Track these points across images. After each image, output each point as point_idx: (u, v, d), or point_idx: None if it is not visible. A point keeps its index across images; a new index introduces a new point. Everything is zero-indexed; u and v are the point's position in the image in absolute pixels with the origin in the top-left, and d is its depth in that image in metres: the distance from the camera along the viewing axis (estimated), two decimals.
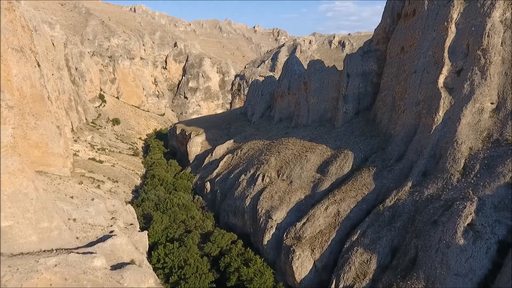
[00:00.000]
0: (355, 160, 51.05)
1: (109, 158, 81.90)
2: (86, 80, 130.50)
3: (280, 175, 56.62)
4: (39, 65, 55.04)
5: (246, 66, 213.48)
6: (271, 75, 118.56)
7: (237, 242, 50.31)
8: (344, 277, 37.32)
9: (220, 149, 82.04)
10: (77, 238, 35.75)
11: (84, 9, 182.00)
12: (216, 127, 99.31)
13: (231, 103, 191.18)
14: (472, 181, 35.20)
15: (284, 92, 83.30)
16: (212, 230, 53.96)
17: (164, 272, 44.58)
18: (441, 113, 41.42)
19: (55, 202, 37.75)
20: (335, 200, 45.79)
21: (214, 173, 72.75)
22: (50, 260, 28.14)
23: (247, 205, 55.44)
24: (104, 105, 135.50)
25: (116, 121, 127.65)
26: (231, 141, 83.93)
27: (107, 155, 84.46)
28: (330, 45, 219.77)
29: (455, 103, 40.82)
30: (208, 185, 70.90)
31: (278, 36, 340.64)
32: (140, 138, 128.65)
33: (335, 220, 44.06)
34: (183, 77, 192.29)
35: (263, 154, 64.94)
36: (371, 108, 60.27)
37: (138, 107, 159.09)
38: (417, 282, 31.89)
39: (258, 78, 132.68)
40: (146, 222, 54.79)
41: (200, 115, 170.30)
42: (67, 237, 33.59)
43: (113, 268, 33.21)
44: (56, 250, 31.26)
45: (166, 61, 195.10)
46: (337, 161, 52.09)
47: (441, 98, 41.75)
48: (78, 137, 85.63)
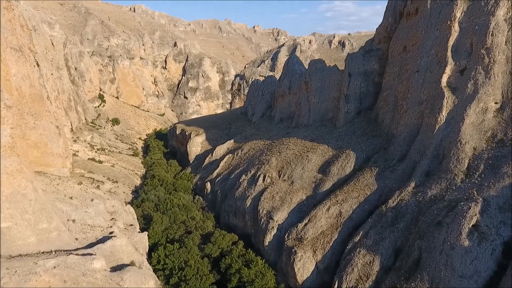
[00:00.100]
0: (357, 160, 50.63)
1: (108, 158, 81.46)
2: (85, 80, 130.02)
3: (281, 176, 56.20)
4: (38, 65, 54.59)
5: (246, 66, 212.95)
6: (272, 75, 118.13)
7: (238, 243, 49.89)
8: (347, 278, 36.89)
9: (221, 149, 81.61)
10: (77, 239, 35.31)
11: (84, 9, 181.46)
12: (216, 127, 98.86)
13: (231, 103, 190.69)
14: (477, 182, 34.81)
15: (284, 91, 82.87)
16: (213, 231, 53.51)
17: (165, 273, 44.15)
18: (444, 113, 41.02)
19: (54, 203, 37.28)
20: (337, 201, 45.37)
21: (215, 173, 72.31)
22: (49, 262, 27.68)
23: (248, 205, 54.99)
24: (104, 105, 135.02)
25: (115, 121, 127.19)
26: (232, 141, 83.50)
27: (106, 155, 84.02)
28: (330, 45, 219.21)
29: (458, 102, 40.43)
30: (208, 185, 70.46)
31: (278, 36, 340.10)
32: (140, 138, 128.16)
33: (337, 221, 43.64)
34: (183, 77, 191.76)
35: (264, 154, 64.50)
36: (373, 108, 59.87)
37: (138, 107, 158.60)
38: (421, 284, 31.46)
39: (258, 78, 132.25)
40: (146, 223, 54.34)
41: (200, 115, 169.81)
42: (66, 238, 33.14)
43: (113, 269, 32.75)
44: (55, 252, 30.81)
45: (166, 61, 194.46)
46: (339, 161, 51.68)
47: (444, 98, 41.35)
48: (77, 137, 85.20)
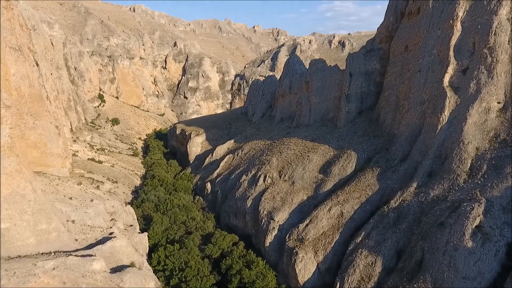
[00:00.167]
0: (358, 161, 50.33)
1: (108, 159, 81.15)
2: (85, 80, 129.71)
3: (282, 176, 55.90)
4: (37, 65, 54.26)
5: (246, 66, 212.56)
6: (272, 75, 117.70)
7: (239, 244, 49.64)
8: (349, 280, 36.63)
9: (221, 149, 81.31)
10: (76, 240, 35.03)
11: (83, 9, 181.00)
12: (216, 127, 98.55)
13: (231, 103, 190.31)
14: (479, 182, 34.53)
15: (285, 91, 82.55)
16: (213, 231, 53.23)
17: (165, 274, 43.86)
18: (446, 113, 40.74)
19: (53, 203, 36.98)
20: (338, 201, 45.08)
21: (215, 174, 72.01)
22: (48, 264, 27.36)
23: (248, 206, 54.69)
24: (104, 105, 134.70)
25: (115, 121, 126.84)
26: (232, 141, 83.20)
27: (106, 155, 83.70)
28: (330, 45, 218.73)
29: (461, 102, 40.15)
30: (208, 185, 70.17)
31: (277, 36, 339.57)
32: (140, 138, 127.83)
33: (339, 221, 43.35)
34: (183, 77, 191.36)
35: (265, 155, 64.20)
36: (374, 108, 59.58)
37: (138, 107, 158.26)
38: (424, 285, 31.20)
39: (258, 78, 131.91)
40: (146, 223, 54.04)
41: (200, 115, 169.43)
42: (65, 239, 32.85)
43: (113, 271, 32.42)
44: (55, 253, 30.51)
45: (165, 61, 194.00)
46: (340, 162, 51.38)
47: (447, 98, 41.07)
48: (77, 137, 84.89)
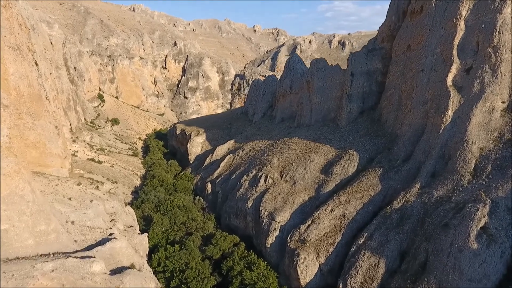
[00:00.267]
0: (360, 161, 49.92)
1: (108, 159, 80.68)
2: (85, 80, 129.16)
3: (283, 176, 55.47)
4: (36, 64, 53.84)
5: (246, 66, 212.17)
6: (273, 74, 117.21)
7: (240, 245, 49.12)
8: (351, 281, 36.21)
9: (221, 149, 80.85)
10: (75, 241, 34.58)
11: (83, 8, 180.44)
12: (216, 127, 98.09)
13: (231, 103, 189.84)
14: (484, 183, 34.14)
15: (286, 91, 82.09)
16: (214, 232, 52.75)
17: (165, 276, 43.37)
18: (450, 113, 40.35)
19: (52, 204, 36.53)
20: (340, 202, 44.64)
21: (215, 174, 71.55)
22: (47, 265, 26.92)
23: (249, 206, 54.24)
24: (103, 105, 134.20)
25: (115, 121, 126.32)
26: (232, 141, 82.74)
27: (106, 155, 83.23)
28: (330, 45, 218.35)
29: (464, 102, 39.75)
30: (209, 186, 69.71)
31: (277, 36, 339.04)
32: (140, 138, 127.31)
33: (341, 222, 42.92)
34: (183, 76, 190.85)
35: (265, 155, 63.75)
36: (376, 108, 59.14)
37: (138, 107, 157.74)
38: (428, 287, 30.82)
39: (259, 78, 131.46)
40: (146, 224, 53.59)
41: (200, 115, 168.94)
42: (65, 241, 32.41)
43: (113, 272, 31.97)
44: (54, 254, 30.07)
45: (165, 61, 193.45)
46: (342, 162, 50.96)
47: (450, 97, 40.68)
48: (76, 137, 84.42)
